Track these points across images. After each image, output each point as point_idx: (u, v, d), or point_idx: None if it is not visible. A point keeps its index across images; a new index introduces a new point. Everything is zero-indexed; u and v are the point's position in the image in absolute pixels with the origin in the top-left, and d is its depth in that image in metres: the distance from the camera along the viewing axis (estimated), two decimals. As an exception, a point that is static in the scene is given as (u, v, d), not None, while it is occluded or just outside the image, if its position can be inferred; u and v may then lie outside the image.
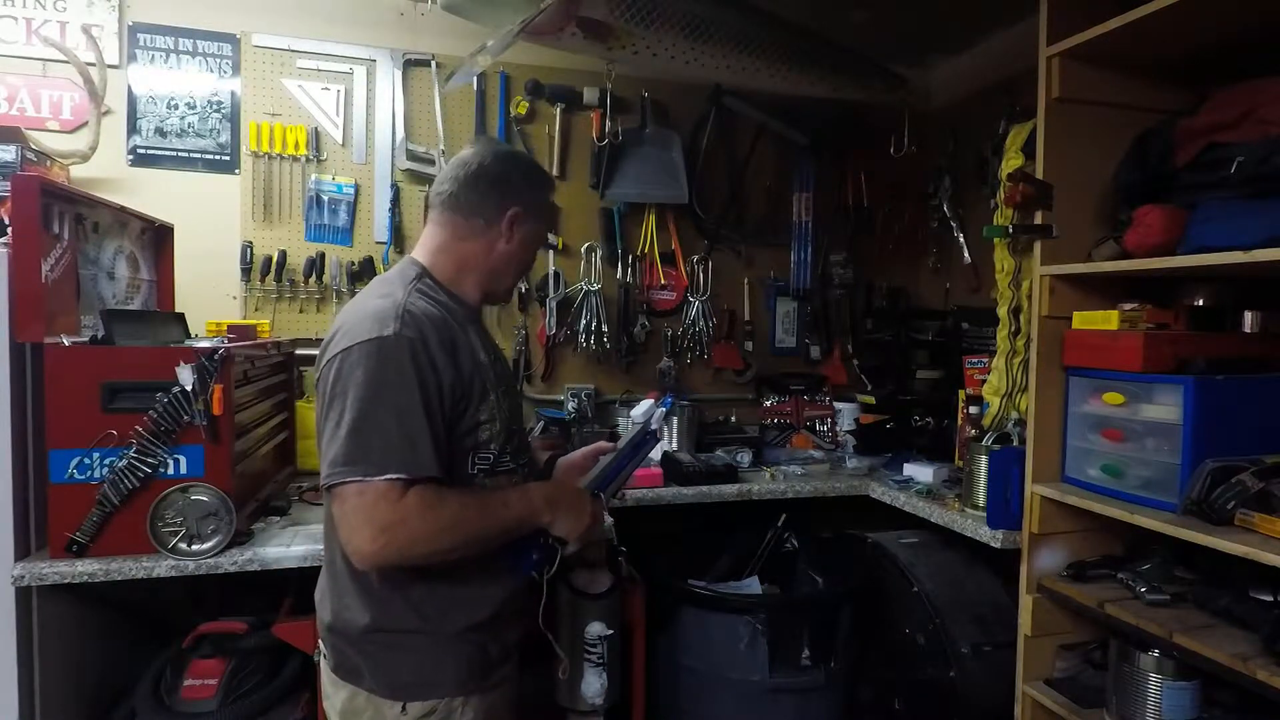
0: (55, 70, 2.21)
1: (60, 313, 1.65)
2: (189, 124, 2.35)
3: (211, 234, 2.35)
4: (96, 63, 2.15)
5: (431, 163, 2.52)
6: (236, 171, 2.39)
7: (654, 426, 1.44)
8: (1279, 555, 1.23)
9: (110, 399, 1.58)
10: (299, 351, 2.34)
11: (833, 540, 2.40)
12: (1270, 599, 1.40)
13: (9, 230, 1.57)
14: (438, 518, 1.08)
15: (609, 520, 1.92)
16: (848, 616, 2.10)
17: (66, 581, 1.56)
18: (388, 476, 1.04)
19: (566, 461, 1.53)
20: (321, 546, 1.30)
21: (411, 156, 2.52)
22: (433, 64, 2.53)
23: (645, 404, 1.41)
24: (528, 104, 2.60)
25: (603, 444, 1.50)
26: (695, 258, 2.81)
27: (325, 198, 2.46)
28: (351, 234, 2.50)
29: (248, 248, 2.37)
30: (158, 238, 2.18)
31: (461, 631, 1.22)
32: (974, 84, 2.73)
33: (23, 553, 1.59)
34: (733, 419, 2.83)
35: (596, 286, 2.67)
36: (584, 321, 2.65)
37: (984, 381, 2.17)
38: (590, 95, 2.62)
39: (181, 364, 1.61)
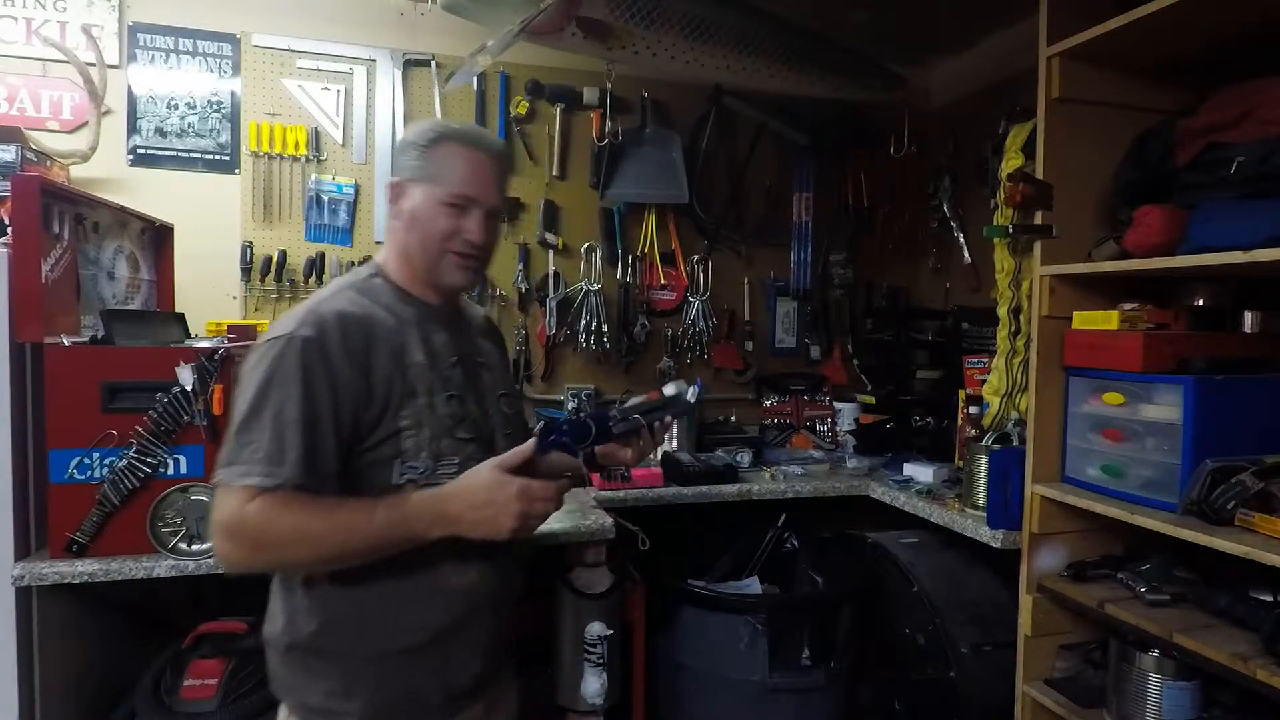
0: (55, 70, 2.21)
1: (60, 313, 1.65)
2: (189, 124, 2.35)
3: (211, 234, 2.35)
4: (96, 63, 2.15)
5: (431, 163, 2.52)
6: (236, 171, 2.39)
7: (689, 399, 1.30)
8: (1279, 555, 1.23)
9: (110, 399, 1.58)
10: (299, 351, 2.33)
11: (833, 540, 2.40)
12: (1270, 599, 1.40)
13: (9, 230, 1.57)
14: (278, 528, 1.00)
15: (607, 521, 1.92)
16: (848, 616, 2.10)
17: (66, 581, 1.56)
18: (246, 482, 0.99)
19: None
20: None
21: (411, 156, 2.52)
22: (433, 64, 2.53)
23: (680, 385, 1.31)
24: (528, 104, 2.60)
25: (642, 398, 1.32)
26: (695, 258, 2.81)
27: (325, 198, 2.46)
28: (352, 234, 2.50)
29: (248, 248, 2.37)
30: (158, 238, 2.18)
31: (379, 657, 1.10)
32: (974, 84, 2.73)
33: (23, 553, 1.59)
34: (733, 419, 2.83)
35: (596, 286, 2.67)
36: (584, 321, 2.65)
37: (984, 381, 2.17)
38: (590, 95, 2.62)
39: (181, 364, 1.61)
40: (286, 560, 1.06)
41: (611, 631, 1.88)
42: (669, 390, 1.30)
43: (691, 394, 1.31)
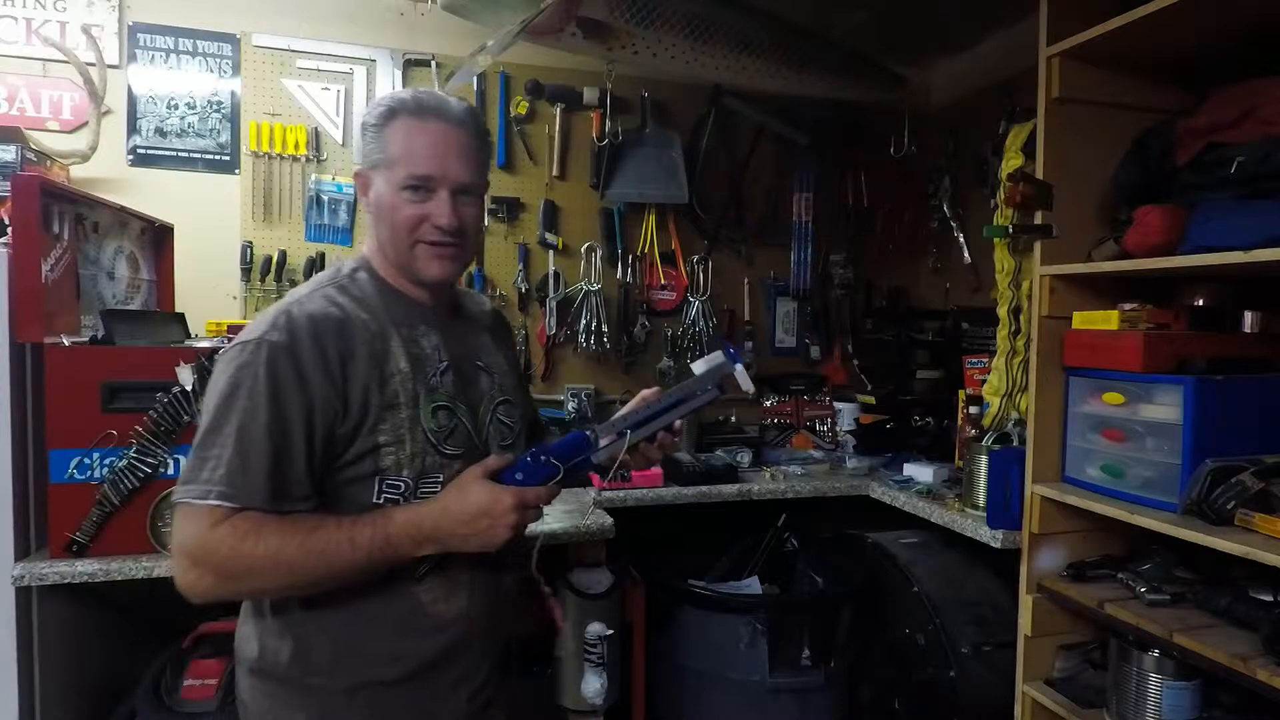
0: (55, 70, 2.21)
1: (60, 313, 1.65)
2: (189, 124, 2.35)
3: (211, 234, 2.35)
4: (96, 63, 2.15)
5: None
6: (236, 171, 2.39)
7: (743, 387, 1.16)
8: (1279, 555, 1.23)
9: (110, 399, 1.58)
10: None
11: (833, 540, 2.40)
12: (1270, 599, 1.40)
13: (9, 230, 1.57)
14: (249, 553, 0.91)
15: (608, 520, 1.91)
16: (848, 616, 2.10)
17: (66, 581, 1.56)
18: (209, 502, 0.91)
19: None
20: None
21: (411, 156, 2.52)
22: (433, 64, 2.53)
23: (713, 356, 1.15)
24: (528, 104, 2.60)
25: (647, 392, 1.18)
26: (695, 258, 2.81)
27: (325, 198, 2.46)
28: (352, 234, 2.50)
29: (248, 248, 2.37)
30: (158, 238, 2.18)
31: (354, 690, 1.01)
32: (974, 84, 2.73)
33: (23, 553, 1.59)
34: (733, 419, 2.83)
35: (596, 286, 2.67)
36: (584, 321, 2.65)
37: (984, 381, 2.17)
38: (590, 95, 2.62)
39: (181, 364, 1.61)
40: (259, 588, 0.98)
41: (611, 631, 1.88)
42: (700, 365, 1.14)
43: (741, 377, 1.14)
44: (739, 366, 1.14)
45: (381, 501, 1.00)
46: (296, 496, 0.96)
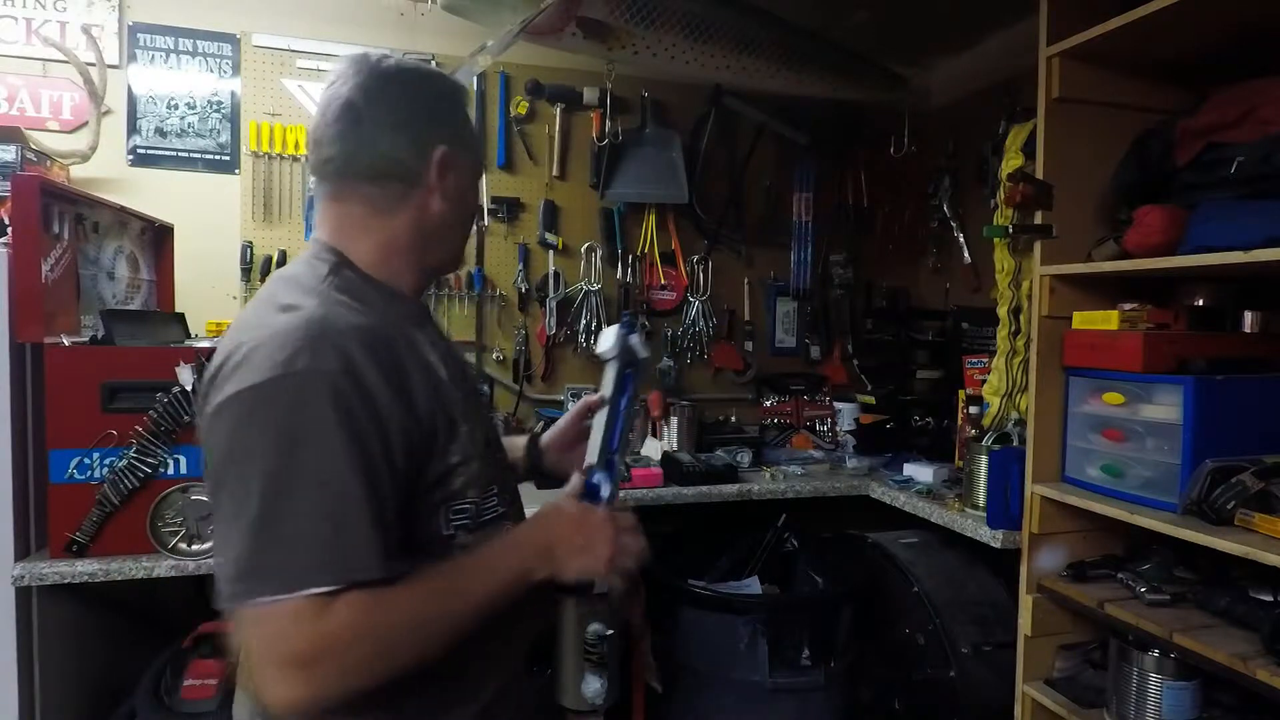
0: (55, 70, 2.21)
1: (60, 313, 1.65)
2: (189, 124, 2.35)
3: (211, 234, 2.35)
4: (96, 63, 2.15)
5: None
6: (236, 171, 2.39)
7: (639, 353, 1.15)
8: (1279, 555, 1.23)
9: (110, 399, 1.58)
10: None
11: (833, 540, 2.40)
12: (1270, 599, 1.40)
13: (9, 230, 1.57)
14: (382, 634, 0.76)
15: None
16: (848, 616, 2.10)
17: (66, 581, 1.56)
18: (306, 593, 0.72)
19: (554, 442, 1.23)
20: None
21: (411, 156, 2.52)
22: (433, 64, 2.53)
23: (609, 334, 1.14)
24: (528, 104, 2.60)
25: (588, 399, 1.16)
26: (695, 258, 2.81)
27: (325, 198, 2.46)
28: (351, 234, 2.49)
29: (248, 248, 2.37)
30: (158, 238, 2.18)
31: None
32: (974, 84, 2.73)
33: (23, 553, 1.59)
34: (733, 419, 2.83)
35: (596, 286, 2.67)
36: (584, 321, 2.65)
37: (984, 381, 2.17)
38: (590, 95, 2.62)
39: (181, 364, 1.61)
40: (383, 674, 0.77)
41: (611, 631, 1.88)
42: (606, 346, 1.13)
43: (638, 343, 1.14)
44: (634, 337, 1.15)
45: (452, 531, 0.89)
46: (390, 556, 0.78)
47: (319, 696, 0.73)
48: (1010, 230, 1.80)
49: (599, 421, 1.11)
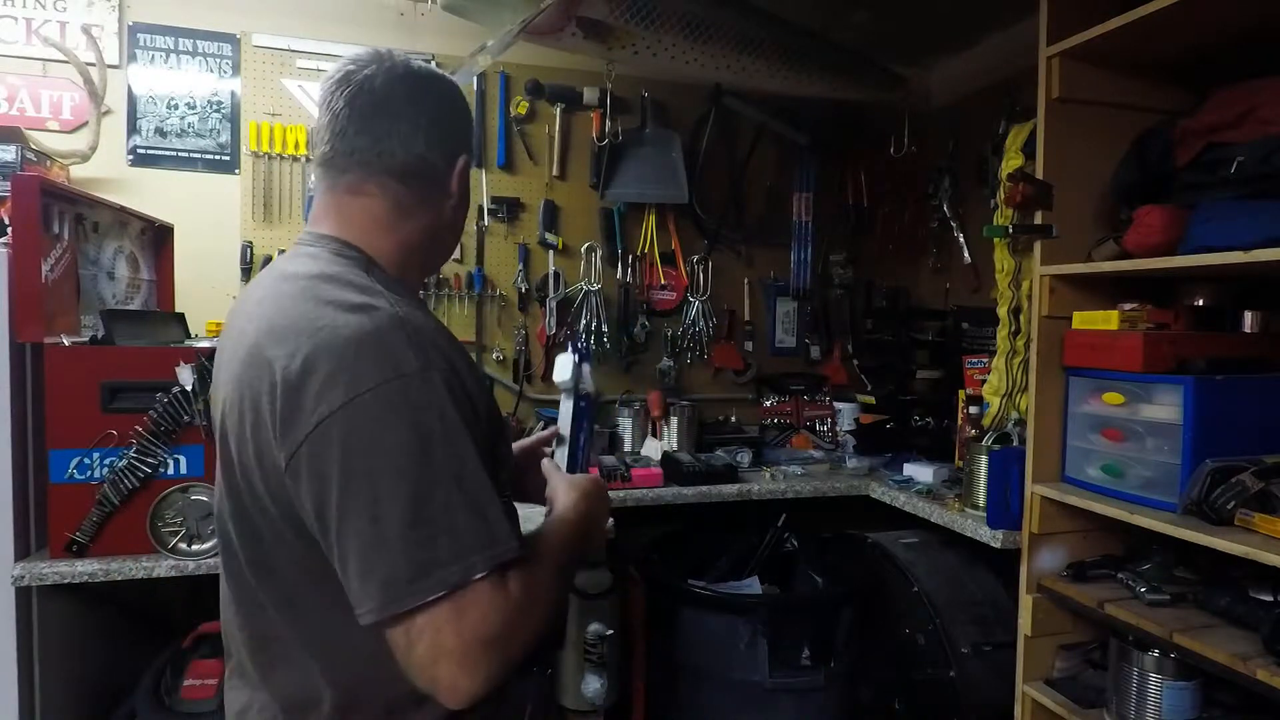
0: (55, 70, 2.21)
1: (60, 313, 1.65)
2: (189, 124, 2.35)
3: (211, 234, 2.35)
4: (96, 63, 2.15)
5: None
6: (236, 171, 2.39)
7: (586, 388, 1.16)
8: (1279, 555, 1.23)
9: (110, 399, 1.58)
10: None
11: (833, 540, 2.41)
12: (1270, 599, 1.40)
13: (9, 230, 1.57)
14: (540, 601, 0.80)
15: (608, 521, 1.91)
16: (848, 616, 2.10)
17: (66, 581, 1.56)
18: (475, 578, 0.73)
19: (526, 452, 1.23)
20: None
21: (411, 156, 2.52)
22: (433, 64, 2.51)
23: (563, 362, 1.14)
24: (528, 104, 2.60)
25: (552, 429, 1.17)
26: (695, 258, 2.81)
27: (325, 198, 2.45)
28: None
29: (248, 248, 2.37)
30: (158, 238, 2.18)
31: None
32: (974, 84, 2.73)
33: (23, 553, 1.59)
34: (733, 419, 2.83)
35: (596, 286, 2.66)
36: (584, 321, 2.65)
37: (984, 381, 2.17)
38: (590, 95, 2.62)
39: (181, 364, 1.61)
40: (535, 643, 0.80)
41: (611, 631, 1.88)
42: (561, 376, 1.13)
43: (586, 378, 1.13)
44: (585, 367, 1.15)
45: None
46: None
47: (499, 677, 0.74)
48: (1010, 230, 1.80)
49: (559, 458, 1.12)
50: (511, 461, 1.00)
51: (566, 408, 1.13)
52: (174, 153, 2.34)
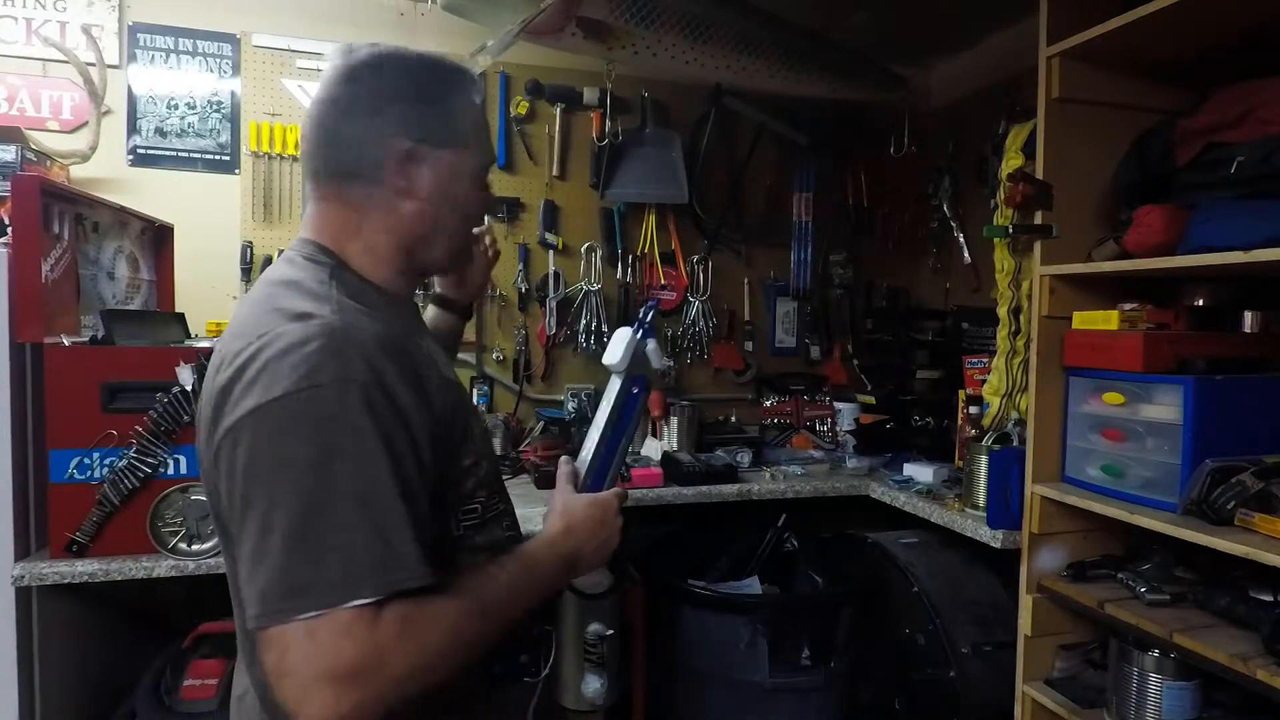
0: (55, 70, 2.21)
1: (60, 313, 1.65)
2: (189, 124, 2.35)
3: (211, 234, 2.35)
4: (96, 63, 2.15)
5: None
6: (236, 171, 2.39)
7: (643, 368, 1.01)
8: (1279, 555, 1.23)
9: (110, 399, 1.58)
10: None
11: (833, 540, 2.40)
12: (1270, 599, 1.40)
13: (9, 230, 1.57)
14: (428, 642, 0.73)
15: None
16: (848, 616, 2.10)
17: (66, 581, 1.56)
18: (355, 603, 0.69)
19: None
20: None
21: (411, 156, 2.52)
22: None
23: (619, 338, 0.99)
24: (528, 104, 2.60)
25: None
26: (695, 258, 2.81)
27: (325, 198, 2.45)
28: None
29: (248, 248, 2.37)
30: (158, 238, 2.18)
31: None
32: (974, 84, 2.73)
33: (23, 553, 1.59)
34: (733, 419, 2.83)
35: (596, 286, 2.67)
36: (584, 321, 2.65)
37: (984, 381, 2.17)
38: (590, 95, 2.62)
39: (181, 364, 1.61)
40: (431, 683, 0.75)
41: (611, 631, 1.88)
42: (613, 358, 0.98)
43: (654, 355, 1.00)
44: (650, 343, 1.01)
45: (462, 531, 0.89)
46: (430, 560, 0.77)
47: (365, 710, 0.70)
48: (1010, 230, 1.80)
49: (586, 456, 1.00)
50: (491, 469, 0.94)
51: (612, 394, 1.00)
52: (174, 153, 2.34)
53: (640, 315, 1.01)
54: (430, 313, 1.25)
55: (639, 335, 0.99)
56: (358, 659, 0.68)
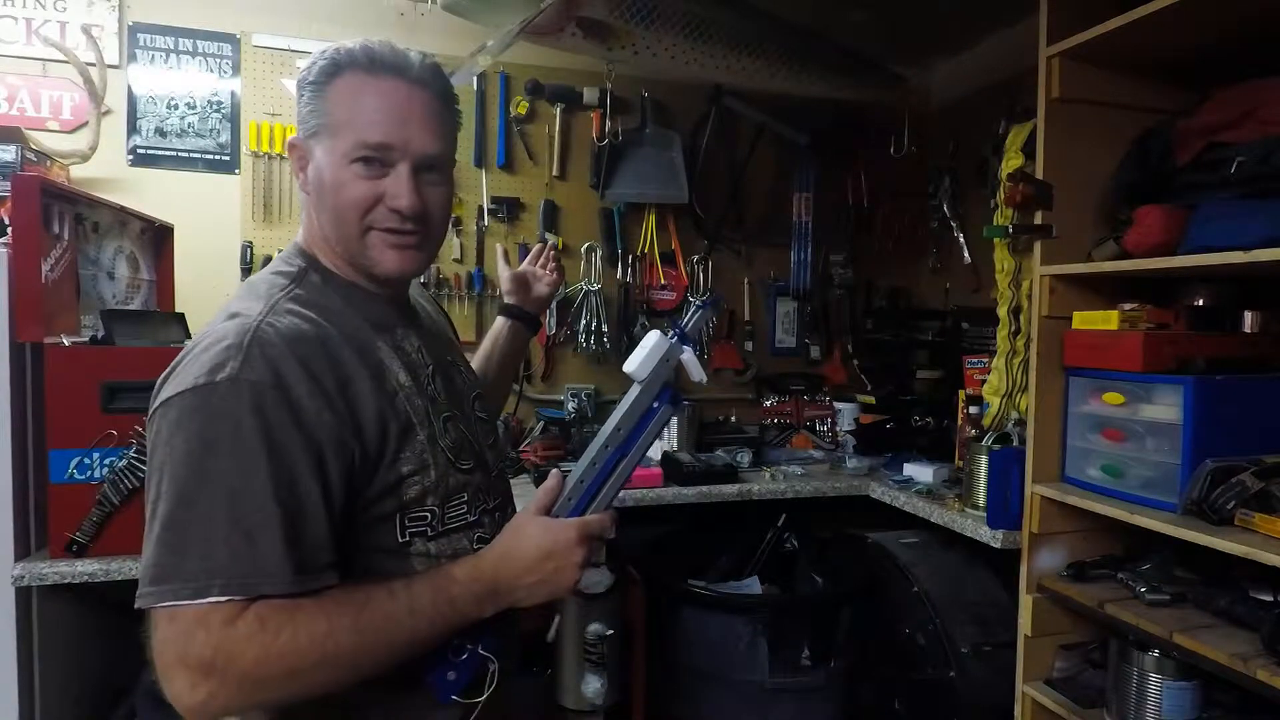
0: (55, 70, 2.21)
1: (60, 313, 1.65)
2: (189, 124, 2.35)
3: (211, 234, 2.35)
4: (96, 63, 2.15)
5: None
6: (236, 171, 2.39)
7: (669, 377, 0.89)
8: (1279, 555, 1.23)
9: (110, 399, 1.58)
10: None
11: (833, 540, 2.41)
12: (1270, 599, 1.40)
13: (9, 230, 1.57)
14: (287, 650, 0.72)
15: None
16: (848, 616, 2.10)
17: (66, 581, 1.56)
18: (208, 600, 0.70)
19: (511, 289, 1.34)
20: None
21: (411, 156, 2.52)
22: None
23: (647, 344, 0.88)
24: (528, 104, 2.60)
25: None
26: (695, 258, 2.81)
27: (325, 198, 2.45)
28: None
29: (248, 248, 2.37)
30: (158, 238, 2.18)
31: None
32: (974, 84, 2.73)
33: (23, 553, 1.59)
34: (733, 419, 2.83)
35: (596, 286, 2.67)
36: (584, 321, 2.65)
37: (984, 381, 2.17)
38: (590, 95, 2.62)
39: (181, 364, 1.61)
40: (296, 692, 0.76)
41: (611, 631, 1.88)
42: (636, 365, 0.86)
43: (693, 369, 0.90)
44: (687, 352, 0.90)
45: (408, 539, 0.86)
46: (323, 565, 0.77)
47: (221, 705, 0.72)
48: (1010, 230, 1.80)
49: (580, 467, 0.90)
50: (456, 481, 0.90)
51: (625, 404, 0.89)
52: (174, 153, 2.34)
53: (683, 320, 0.91)
54: (498, 323, 1.37)
55: (673, 340, 0.88)
56: (207, 653, 0.70)
